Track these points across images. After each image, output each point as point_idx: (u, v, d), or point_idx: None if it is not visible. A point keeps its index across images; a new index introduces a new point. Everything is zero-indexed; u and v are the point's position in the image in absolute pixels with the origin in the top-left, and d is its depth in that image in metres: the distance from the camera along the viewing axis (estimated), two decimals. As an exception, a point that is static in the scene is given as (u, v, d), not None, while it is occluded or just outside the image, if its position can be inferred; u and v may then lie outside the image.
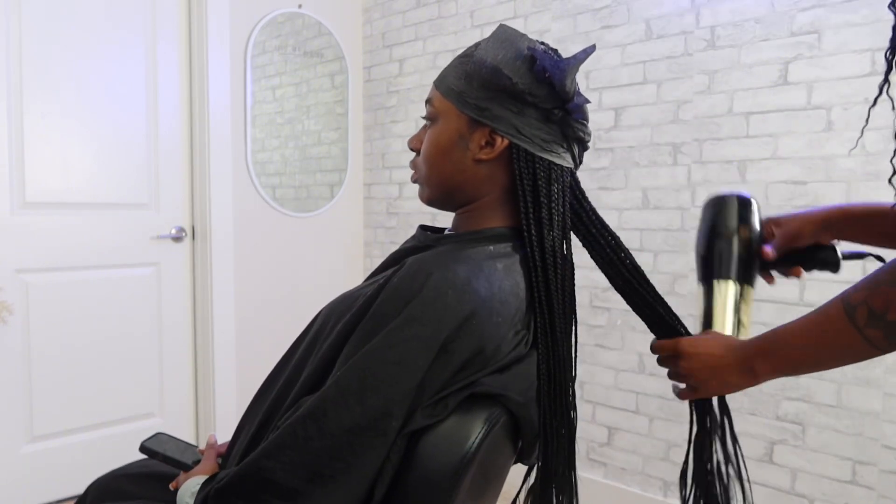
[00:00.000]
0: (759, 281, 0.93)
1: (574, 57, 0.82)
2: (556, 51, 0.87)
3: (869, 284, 0.65)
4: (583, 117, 0.87)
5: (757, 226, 0.90)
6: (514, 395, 0.79)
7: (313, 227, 2.83)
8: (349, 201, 2.95)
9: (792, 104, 1.80)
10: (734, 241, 0.88)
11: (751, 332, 0.87)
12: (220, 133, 2.49)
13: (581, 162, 0.90)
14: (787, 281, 1.81)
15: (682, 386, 0.86)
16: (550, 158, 0.85)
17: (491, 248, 0.85)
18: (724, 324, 0.87)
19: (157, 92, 2.39)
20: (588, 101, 0.87)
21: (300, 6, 2.72)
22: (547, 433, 0.83)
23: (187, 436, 2.54)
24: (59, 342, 2.21)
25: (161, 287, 2.44)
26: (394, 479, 0.76)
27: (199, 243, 2.51)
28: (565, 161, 0.86)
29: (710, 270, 0.89)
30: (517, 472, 1.00)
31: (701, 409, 0.88)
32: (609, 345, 2.19)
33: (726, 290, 0.87)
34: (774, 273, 0.94)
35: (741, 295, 0.87)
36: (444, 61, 2.64)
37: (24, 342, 2.14)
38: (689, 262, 2.00)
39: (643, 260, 2.09)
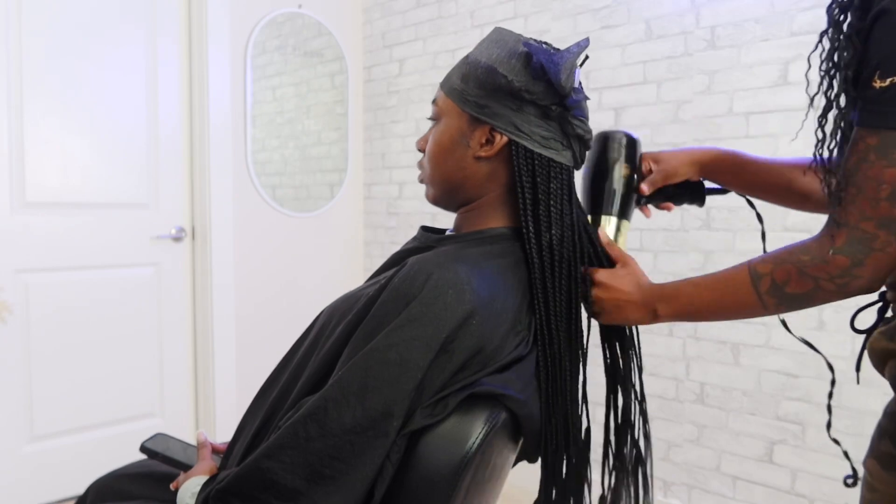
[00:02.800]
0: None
1: (568, 51, 0.82)
2: (553, 47, 0.87)
3: (776, 259, 0.75)
4: (582, 114, 0.86)
5: (637, 163, 0.99)
6: (514, 394, 0.79)
7: (313, 227, 2.83)
8: (349, 201, 2.95)
9: (792, 104, 1.81)
10: (615, 180, 0.97)
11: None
12: (220, 133, 2.49)
13: (583, 161, 0.90)
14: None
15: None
16: (550, 155, 0.85)
17: (491, 248, 0.85)
18: None
19: (157, 92, 2.39)
20: (587, 98, 0.87)
21: (300, 6, 2.72)
22: (547, 433, 0.83)
23: (187, 436, 2.54)
24: (59, 342, 2.21)
25: (161, 287, 2.44)
26: (394, 478, 0.76)
27: (199, 243, 2.51)
28: (565, 158, 0.86)
29: (594, 205, 0.97)
30: (518, 471, 1.01)
31: (610, 335, 0.94)
32: (609, 345, 2.19)
33: (606, 224, 0.96)
34: (650, 206, 1.05)
35: (618, 228, 0.97)
36: (444, 61, 2.64)
37: (24, 342, 2.14)
38: (689, 262, 2.00)
39: (643, 260, 2.09)
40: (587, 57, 0.87)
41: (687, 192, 1.02)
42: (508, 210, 0.89)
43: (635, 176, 0.98)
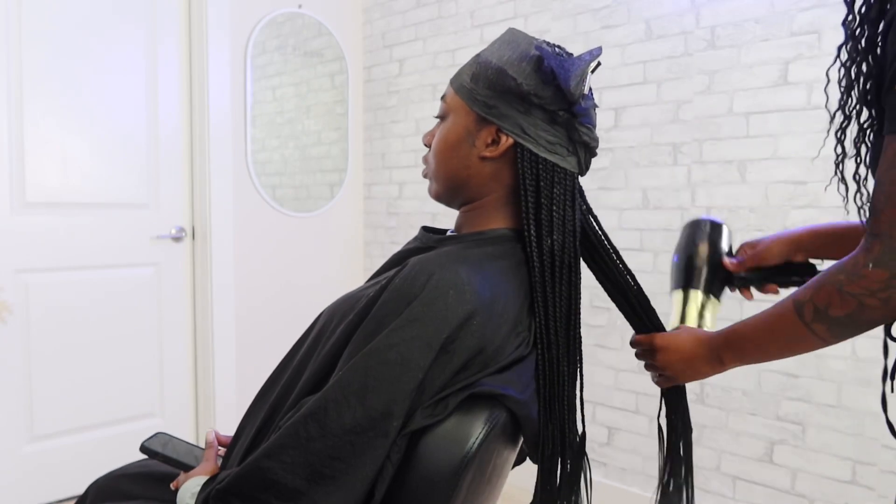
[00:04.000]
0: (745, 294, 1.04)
1: (580, 58, 0.82)
2: (566, 52, 0.87)
3: (814, 284, 0.73)
4: (589, 122, 0.86)
5: (724, 246, 1.03)
6: (514, 394, 0.79)
7: (313, 227, 2.83)
8: (349, 201, 2.95)
9: (792, 104, 1.81)
10: (699, 257, 1.02)
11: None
12: (220, 133, 2.49)
13: (587, 168, 0.89)
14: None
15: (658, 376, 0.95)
16: (554, 160, 0.84)
17: (492, 249, 0.85)
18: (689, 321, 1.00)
19: (158, 92, 2.39)
20: (596, 106, 0.87)
21: (300, 6, 2.72)
22: (543, 436, 0.83)
23: (187, 436, 2.54)
24: (59, 342, 2.21)
25: (161, 287, 2.44)
26: (394, 478, 0.76)
27: (199, 243, 2.51)
28: (570, 165, 0.86)
29: (685, 280, 1.02)
30: (518, 472, 1.01)
31: (674, 396, 0.96)
32: (609, 345, 2.19)
33: (690, 298, 1.00)
34: (753, 290, 1.03)
35: (704, 304, 1.00)
36: (444, 61, 2.64)
37: (24, 342, 2.14)
38: (689, 262, 2.00)
39: (643, 260, 2.09)
40: (599, 64, 0.86)
41: (794, 273, 1.00)
42: (511, 212, 0.89)
43: (718, 256, 1.02)
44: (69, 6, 2.18)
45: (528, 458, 0.93)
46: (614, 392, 2.18)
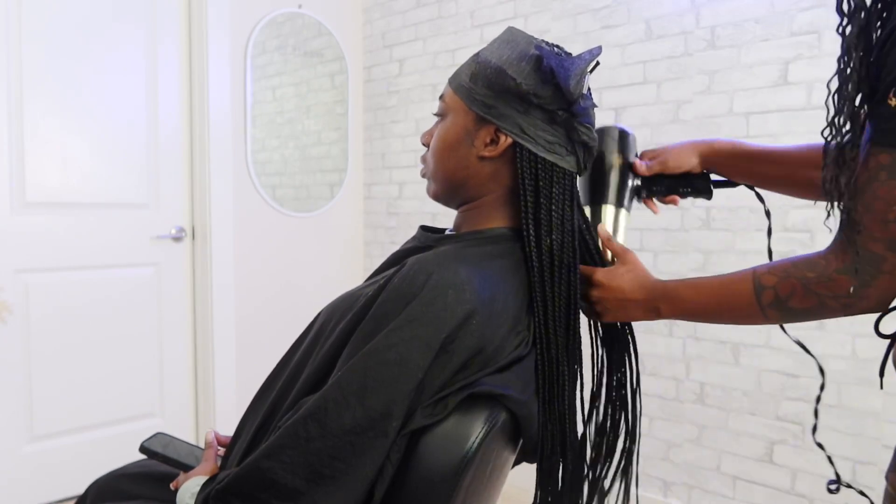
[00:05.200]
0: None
1: (579, 57, 0.82)
2: (565, 51, 0.86)
3: (781, 273, 0.74)
4: (588, 121, 0.86)
5: (631, 157, 1.01)
6: (514, 394, 0.79)
7: (313, 227, 2.83)
8: (349, 201, 2.95)
9: (792, 104, 1.80)
10: (608, 169, 0.98)
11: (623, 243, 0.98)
12: (220, 133, 2.49)
13: (587, 168, 0.89)
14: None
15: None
16: (553, 160, 0.84)
17: (491, 248, 0.85)
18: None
19: (157, 92, 2.39)
20: (595, 106, 0.87)
21: (300, 6, 2.72)
22: (542, 437, 0.83)
23: (187, 436, 2.54)
24: (59, 342, 2.21)
25: (161, 287, 2.44)
26: (394, 478, 0.76)
27: (199, 243, 2.51)
28: (568, 164, 0.86)
29: (591, 195, 0.99)
30: (518, 472, 1.01)
31: (609, 333, 0.94)
32: (609, 345, 2.19)
33: (604, 213, 0.98)
34: (656, 202, 1.04)
35: (616, 218, 0.98)
36: (444, 61, 2.64)
37: (24, 342, 2.14)
38: (688, 262, 2.00)
39: (643, 260, 2.07)
40: (598, 63, 0.86)
41: (691, 184, 1.01)
42: (509, 211, 0.88)
43: (630, 166, 1.00)
44: (69, 6, 2.18)
45: (527, 458, 0.93)
46: (614, 392, 2.18)
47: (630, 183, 1.00)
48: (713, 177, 1.02)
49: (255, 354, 2.61)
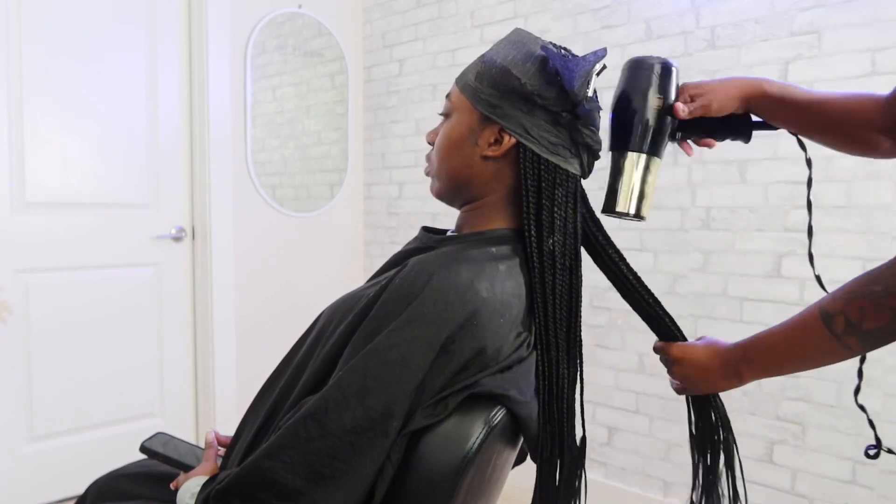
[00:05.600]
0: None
1: (585, 59, 0.82)
2: (571, 53, 0.86)
3: (846, 295, 0.69)
4: (593, 124, 0.86)
5: (673, 96, 0.87)
6: (514, 395, 0.79)
7: (313, 227, 2.83)
8: (349, 201, 2.95)
9: (792, 104, 1.80)
10: (647, 111, 0.86)
11: (652, 201, 0.89)
12: (220, 133, 2.49)
13: (590, 171, 0.89)
14: (788, 282, 1.81)
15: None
16: (556, 162, 0.84)
17: (493, 249, 0.85)
18: (629, 197, 0.87)
19: (158, 92, 2.39)
20: (600, 109, 0.87)
21: (300, 6, 2.72)
22: (543, 435, 0.82)
23: (187, 436, 2.54)
24: (59, 342, 2.21)
25: (161, 287, 2.44)
26: (395, 478, 0.76)
27: (199, 243, 2.51)
28: (572, 167, 0.85)
29: (620, 140, 0.88)
30: (518, 472, 1.01)
31: (698, 405, 0.94)
32: (609, 345, 2.19)
33: (634, 163, 0.87)
34: (690, 143, 0.93)
35: (647, 167, 0.87)
36: (444, 61, 2.64)
37: (24, 342, 2.14)
38: (688, 262, 2.00)
39: (643, 260, 2.09)
40: (605, 66, 0.84)
41: (730, 127, 0.89)
42: (512, 212, 0.88)
43: (671, 108, 0.86)
44: (69, 6, 2.18)
45: (528, 458, 0.93)
46: (614, 392, 2.18)
47: (668, 127, 0.87)
48: (756, 119, 0.91)
49: (255, 354, 2.61)
